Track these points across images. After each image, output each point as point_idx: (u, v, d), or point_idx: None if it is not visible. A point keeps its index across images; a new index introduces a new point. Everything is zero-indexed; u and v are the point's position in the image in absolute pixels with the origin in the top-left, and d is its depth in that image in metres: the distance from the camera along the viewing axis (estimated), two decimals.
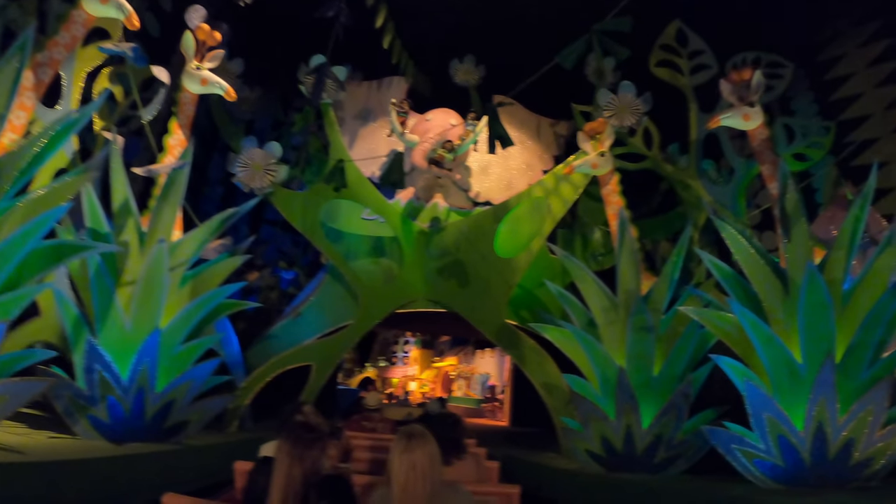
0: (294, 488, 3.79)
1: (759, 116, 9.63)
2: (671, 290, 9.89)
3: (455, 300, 12.12)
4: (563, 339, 10.41)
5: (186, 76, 10.22)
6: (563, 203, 11.98)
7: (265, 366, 11.36)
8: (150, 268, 9.09)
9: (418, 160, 12.03)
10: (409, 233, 12.24)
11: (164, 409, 9.15)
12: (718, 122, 9.79)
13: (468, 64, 13.79)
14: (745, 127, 9.75)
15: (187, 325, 9.51)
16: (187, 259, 9.71)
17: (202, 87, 10.28)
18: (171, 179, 9.69)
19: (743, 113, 9.64)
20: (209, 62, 10.23)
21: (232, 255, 10.57)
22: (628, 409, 9.39)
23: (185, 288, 9.77)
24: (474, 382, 21.14)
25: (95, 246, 8.36)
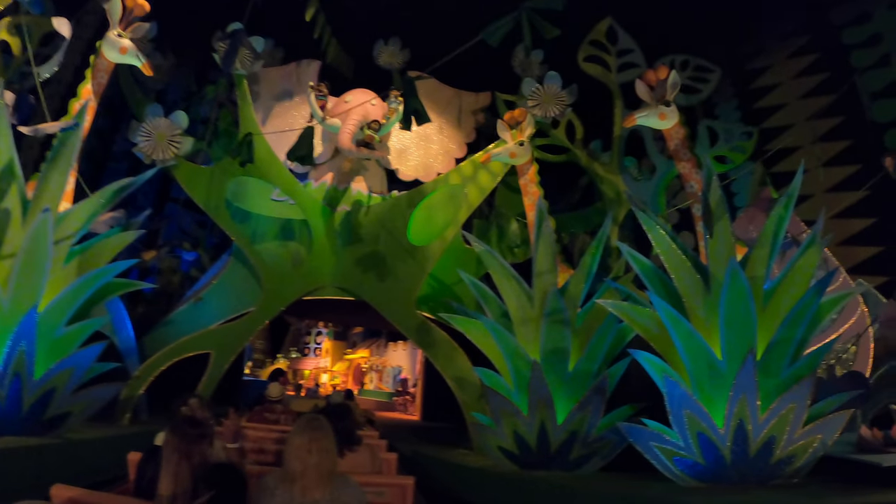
0: (183, 485, 3.81)
1: (674, 116, 9.41)
2: (588, 283, 9.50)
3: (364, 288, 11.47)
4: (475, 331, 9.87)
5: (106, 42, 9.50)
6: (481, 191, 11.48)
7: (160, 353, 10.48)
8: (32, 240, 8.18)
9: (347, 144, 11.23)
10: (320, 216, 11.50)
11: (43, 399, 8.26)
12: (634, 121, 9.53)
13: (393, 46, 13.09)
14: (660, 126, 9.55)
15: (71, 306, 8.64)
16: (75, 232, 8.86)
17: (120, 56, 9.59)
18: (60, 142, 8.78)
19: (659, 112, 9.41)
20: (132, 32, 9.56)
21: (125, 229, 9.70)
22: (542, 405, 8.90)
23: (71, 264, 8.91)
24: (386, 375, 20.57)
25: None
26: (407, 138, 12.37)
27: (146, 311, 11.70)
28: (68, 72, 10.55)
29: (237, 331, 11.06)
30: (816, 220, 8.22)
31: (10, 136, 8.39)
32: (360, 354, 22.62)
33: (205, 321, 11.08)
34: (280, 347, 25.32)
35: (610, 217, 10.05)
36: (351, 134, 11.24)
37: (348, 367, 23.10)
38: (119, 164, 13.38)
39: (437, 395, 14.09)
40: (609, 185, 11.97)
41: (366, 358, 22.23)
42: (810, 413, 7.57)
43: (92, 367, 8.75)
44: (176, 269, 12.52)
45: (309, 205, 11.43)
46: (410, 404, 18.19)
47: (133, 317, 10.91)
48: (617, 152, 12.17)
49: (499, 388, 9.41)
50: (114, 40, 9.48)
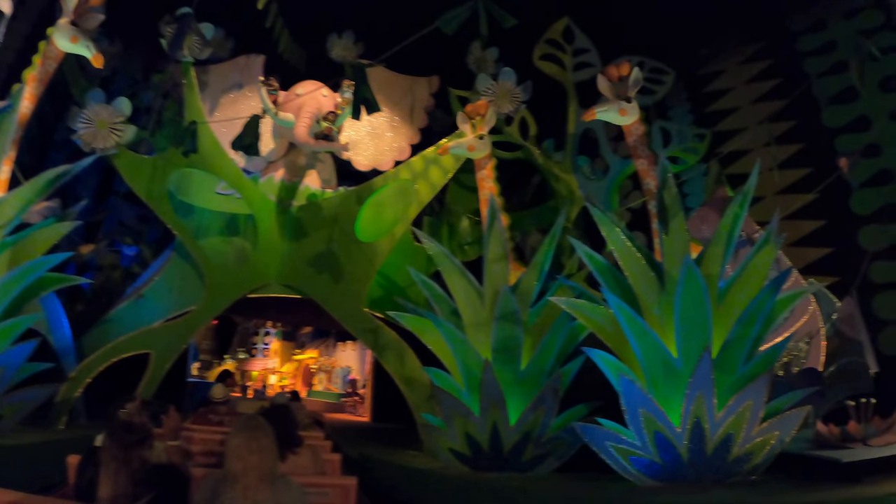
0: (123, 489, 3.76)
1: (635, 112, 9.18)
2: (541, 281, 9.26)
3: (311, 286, 11.04)
4: (425, 329, 9.55)
5: (58, 30, 8.98)
6: (431, 187, 11.14)
7: (97, 354, 9.92)
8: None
9: (305, 138, 10.74)
10: (267, 211, 11.03)
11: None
12: (594, 115, 9.24)
13: (346, 39, 12.55)
14: (620, 122, 9.31)
15: (1, 302, 8.13)
16: (7, 222, 8.39)
17: (71, 45, 9.06)
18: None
19: (619, 107, 9.14)
20: (85, 22, 9.06)
21: (61, 220, 9.17)
22: (494, 405, 8.61)
23: (1, 257, 8.39)
24: (335, 376, 20.09)
25: None
26: (358, 130, 11.99)
27: (85, 309, 11.08)
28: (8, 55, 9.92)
29: (179, 330, 10.54)
30: (768, 221, 8.13)
31: None
32: (309, 355, 22.10)
33: (145, 319, 10.54)
34: (228, 348, 24.65)
35: (563, 214, 9.82)
36: (307, 127, 10.78)
37: (297, 368, 22.57)
38: (59, 154, 12.67)
39: (387, 396, 13.60)
40: (562, 183, 11.78)
41: (314, 358, 21.71)
42: (767, 410, 7.46)
43: (23, 367, 8.25)
44: (116, 265, 11.88)
45: (255, 199, 10.97)
46: (360, 405, 17.73)
47: (71, 315, 10.39)
48: (570, 151, 12.03)
49: (449, 388, 9.11)
50: (66, 28, 8.96)
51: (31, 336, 8.55)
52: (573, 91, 12.21)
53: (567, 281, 9.06)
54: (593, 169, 12.11)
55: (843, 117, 11.51)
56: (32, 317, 8.55)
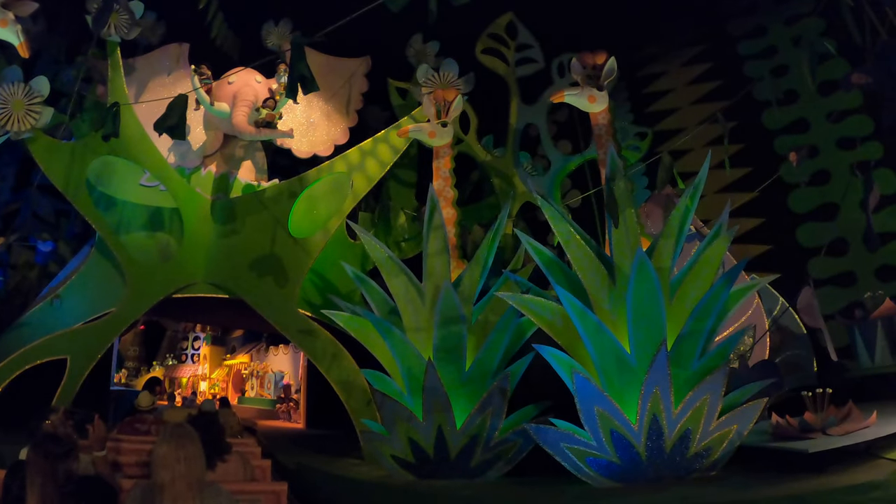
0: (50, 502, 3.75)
1: (604, 101, 8.78)
2: (484, 277, 8.73)
3: (240, 285, 10.22)
4: (361, 329, 8.89)
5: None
6: (368, 180, 10.46)
7: (8, 360, 8.93)
8: None
9: (245, 127, 10.03)
10: (193, 204, 10.19)
11: None
12: (563, 98, 8.79)
13: (283, 28, 11.84)
14: (588, 108, 8.86)
15: None
16: None
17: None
18: None
19: (589, 94, 8.71)
20: (17, 9, 8.37)
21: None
22: (439, 408, 8.02)
23: None
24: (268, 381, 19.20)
25: None
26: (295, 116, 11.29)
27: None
28: None
29: (98, 333, 9.55)
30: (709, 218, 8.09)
31: None
32: (240, 360, 21.13)
33: (63, 322, 9.55)
34: (156, 354, 23.49)
35: (507, 208, 9.31)
36: (246, 116, 10.05)
37: (227, 374, 21.58)
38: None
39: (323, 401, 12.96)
40: (503, 179, 11.37)
41: (246, 363, 20.77)
42: (724, 404, 7.17)
43: None
44: (32, 263, 10.83)
45: (181, 192, 10.13)
46: (294, 412, 16.90)
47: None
48: (512, 146, 11.60)
49: (390, 391, 8.48)
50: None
51: None
52: (515, 86, 11.82)
53: (513, 276, 8.52)
54: (534, 165, 11.65)
55: (783, 119, 11.76)
56: None
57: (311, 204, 10.52)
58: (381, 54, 11.94)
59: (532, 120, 11.75)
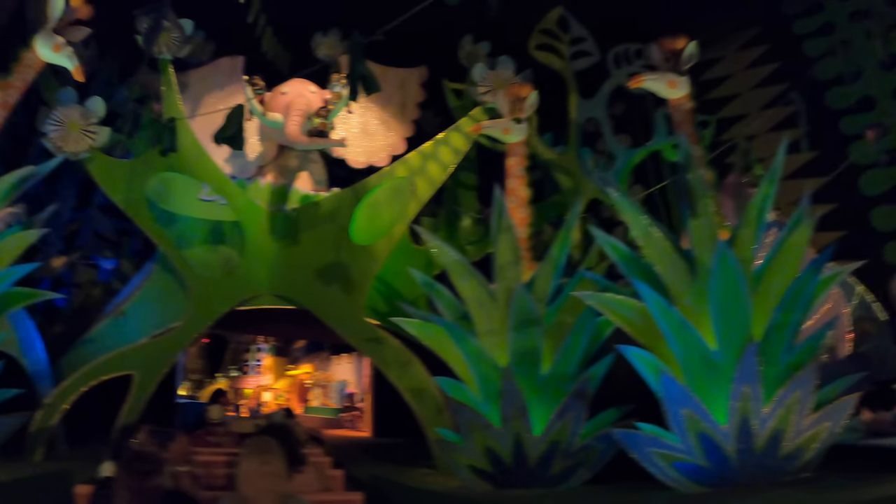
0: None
1: (685, 87, 8.30)
2: (558, 276, 8.26)
3: (305, 295, 9.89)
4: (432, 335, 8.47)
5: (40, 37, 8.26)
6: (431, 184, 10.06)
7: (74, 377, 8.73)
8: None
9: (297, 136, 9.78)
10: (255, 217, 9.92)
11: None
12: (641, 82, 8.33)
13: (332, 38, 11.54)
14: (668, 94, 8.40)
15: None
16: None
17: (52, 55, 8.37)
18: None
19: (669, 79, 8.24)
20: (70, 34, 8.38)
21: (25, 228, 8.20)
22: (516, 415, 7.62)
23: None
24: (331, 391, 19.04)
25: None
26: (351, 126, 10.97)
27: (65, 330, 10.04)
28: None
29: (163, 348, 9.36)
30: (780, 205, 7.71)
31: None
32: (303, 370, 21.05)
33: (128, 338, 9.38)
34: (219, 366, 23.54)
35: (578, 204, 8.89)
36: (299, 125, 9.79)
37: (291, 384, 21.48)
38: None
39: (389, 409, 12.81)
40: (567, 176, 10.86)
41: (309, 373, 20.67)
42: (817, 400, 6.73)
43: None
44: (96, 282, 10.73)
45: (242, 204, 9.89)
46: (359, 420, 16.67)
47: (49, 335, 9.39)
48: (574, 142, 11.06)
49: (464, 399, 8.07)
50: (49, 37, 8.25)
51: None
52: (572, 80, 11.30)
53: (589, 273, 8.10)
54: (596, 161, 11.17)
55: (847, 99, 11.00)
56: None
57: (373, 211, 10.18)
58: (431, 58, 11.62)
59: (592, 114, 11.28)
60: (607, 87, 11.34)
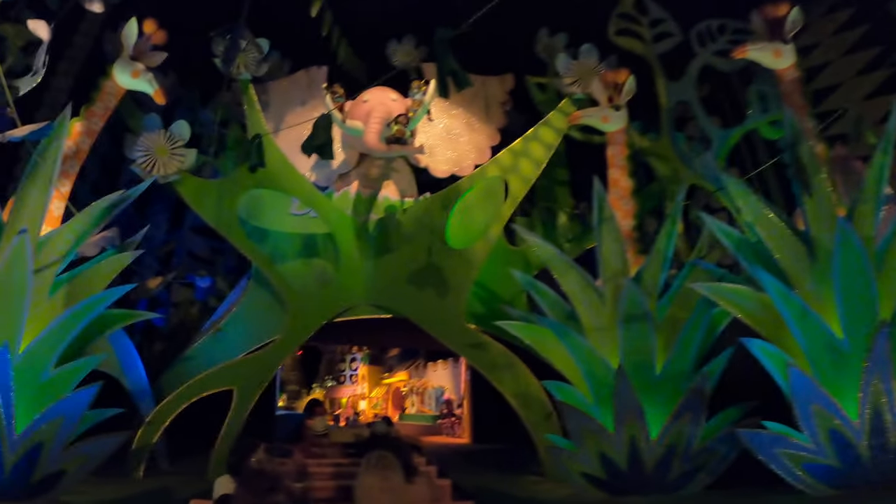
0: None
1: (791, 55, 7.89)
2: (665, 269, 7.76)
3: (403, 303, 9.60)
4: (538, 337, 8.09)
5: (119, 65, 8.45)
6: (524, 182, 9.65)
7: (175, 394, 8.69)
8: (7, 267, 6.74)
9: (375, 143, 9.63)
10: (347, 227, 9.70)
11: (28, 457, 6.65)
12: (746, 53, 8.00)
13: (407, 45, 11.43)
14: (774, 64, 8.00)
15: (59, 344, 7.06)
16: (61, 258, 7.35)
17: (132, 81, 8.54)
18: (39, 155, 7.29)
19: (774, 48, 7.85)
20: (146, 60, 8.56)
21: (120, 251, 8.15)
22: (631, 418, 7.15)
23: (57, 295, 7.38)
24: (428, 397, 18.74)
25: None
26: (433, 135, 10.66)
27: (165, 348, 10.07)
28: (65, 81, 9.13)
29: (262, 362, 9.24)
30: None
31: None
32: (399, 378, 20.80)
33: (226, 354, 9.30)
34: (315, 377, 23.59)
35: (682, 191, 8.35)
36: (378, 133, 9.59)
37: (386, 392, 21.32)
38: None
39: (488, 414, 12.42)
40: (663, 163, 10.27)
41: (404, 381, 20.41)
42: None
43: (85, 415, 7.13)
44: (193, 301, 10.75)
45: (333, 216, 9.71)
46: (457, 426, 16.31)
47: (150, 354, 9.47)
48: (667, 127, 10.46)
49: (576, 402, 7.64)
50: (126, 64, 8.41)
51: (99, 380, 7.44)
52: (657, 64, 10.72)
53: (703, 263, 7.59)
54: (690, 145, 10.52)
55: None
56: (94, 359, 7.45)
57: (466, 214, 9.86)
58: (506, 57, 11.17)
59: (681, 97, 10.64)
60: (694, 67, 10.68)
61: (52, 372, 6.96)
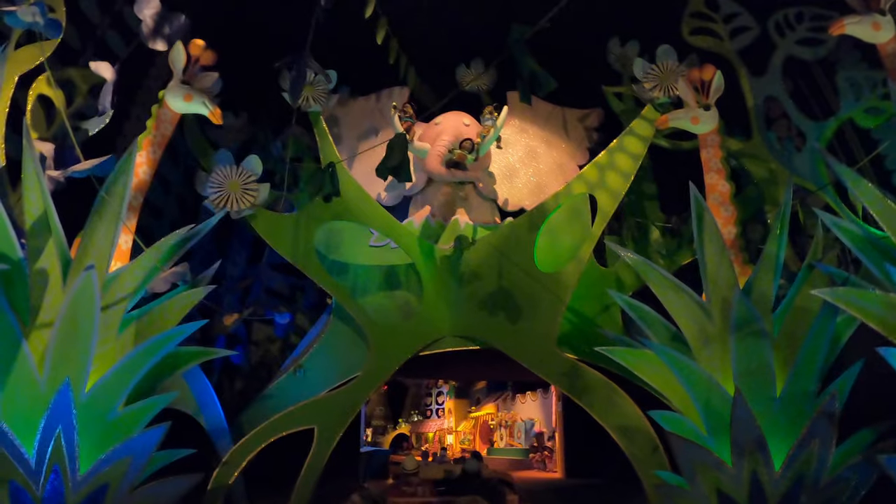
0: None
1: (891, 27, 7.13)
2: (777, 278, 6.98)
3: (491, 332, 8.96)
4: (642, 362, 7.36)
5: (170, 90, 8.19)
6: (613, 196, 8.95)
7: (252, 434, 8.28)
8: (73, 304, 6.50)
9: (434, 166, 9.28)
10: (429, 257, 9.19)
11: (93, 499, 6.41)
12: (844, 29, 7.30)
13: (476, 68, 11.08)
14: (874, 38, 7.29)
15: (127, 382, 6.83)
16: (129, 294, 7.12)
17: (185, 105, 8.22)
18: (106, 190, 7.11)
19: (872, 20, 7.12)
20: (199, 82, 8.29)
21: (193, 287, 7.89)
22: (751, 448, 6.35)
23: (126, 333, 7.15)
24: (517, 430, 17.94)
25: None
26: (513, 159, 10.23)
27: (245, 387, 9.81)
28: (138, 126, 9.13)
29: (344, 399, 8.74)
30: None
31: (43, 187, 6.77)
32: (486, 411, 20.07)
33: (308, 391, 8.86)
34: (401, 411, 23.15)
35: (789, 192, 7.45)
36: (440, 155, 9.24)
37: (474, 426, 20.63)
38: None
39: (582, 447, 11.68)
40: (757, 164, 9.42)
41: (492, 414, 19.68)
42: None
43: (154, 455, 6.87)
44: (273, 337, 10.44)
45: (413, 245, 9.21)
46: (549, 460, 15.49)
47: (230, 392, 9.29)
48: (757, 125, 9.60)
49: (687, 433, 6.88)
50: (178, 88, 8.11)
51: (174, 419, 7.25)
52: (738, 60, 9.90)
53: (823, 266, 6.78)
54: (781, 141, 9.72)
55: None
56: (164, 397, 7.16)
57: (553, 235, 9.21)
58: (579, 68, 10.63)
59: (768, 92, 9.84)
60: (777, 59, 9.88)
61: (120, 411, 6.72)
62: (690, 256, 9.00)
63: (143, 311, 7.35)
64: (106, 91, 7.79)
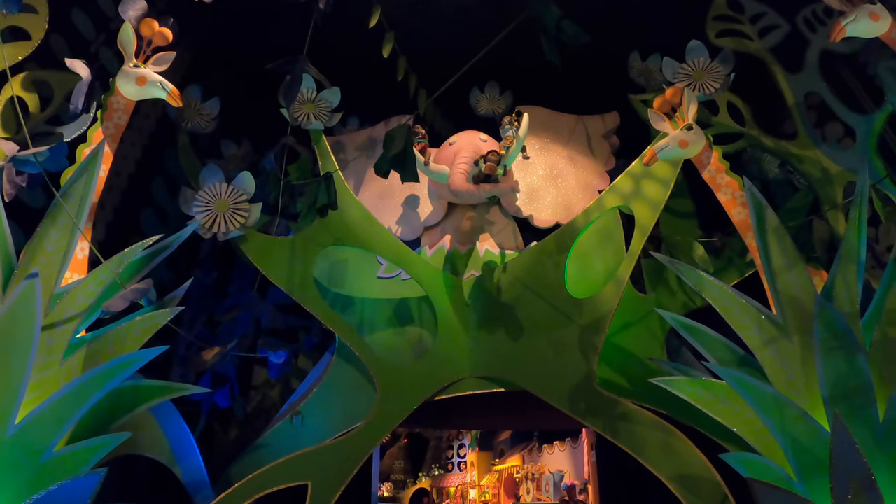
0: None
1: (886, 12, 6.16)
2: (860, 279, 5.72)
3: (519, 372, 7.67)
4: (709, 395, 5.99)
5: (121, 76, 7.01)
6: (653, 207, 7.75)
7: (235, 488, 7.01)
8: (10, 316, 5.37)
9: (459, 184, 8.08)
10: (444, 289, 8.01)
11: None
12: (844, 32, 6.19)
13: (491, 91, 10.19)
14: (877, 30, 6.26)
15: (69, 416, 5.61)
16: (82, 313, 5.93)
17: (139, 89, 6.99)
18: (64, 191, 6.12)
19: (869, 11, 6.09)
20: (154, 64, 7.07)
21: (158, 307, 6.76)
22: (857, 490, 4.88)
23: (74, 358, 5.93)
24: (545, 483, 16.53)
25: None
26: (536, 177, 9.09)
27: (240, 434, 8.65)
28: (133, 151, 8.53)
29: (345, 451, 7.45)
30: None
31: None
32: (511, 463, 18.69)
33: (306, 441, 7.63)
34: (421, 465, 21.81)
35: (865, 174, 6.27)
36: (464, 173, 8.05)
37: (498, 480, 19.19)
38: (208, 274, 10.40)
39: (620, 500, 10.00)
40: (809, 163, 8.43)
41: (518, 466, 18.29)
42: None
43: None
44: (274, 383, 9.20)
45: (427, 276, 8.04)
46: None
47: (224, 441, 8.32)
48: (801, 122, 8.66)
49: (773, 478, 5.47)
50: (129, 72, 6.91)
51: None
52: (772, 58, 9.09)
53: None
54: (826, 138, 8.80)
55: None
56: (115, 437, 5.89)
57: (585, 256, 8.06)
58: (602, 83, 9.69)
59: (809, 88, 8.88)
60: (812, 55, 8.95)
61: (56, 452, 5.51)
62: (738, 276, 7.82)
63: (96, 334, 6.16)
64: (79, 90, 6.66)
